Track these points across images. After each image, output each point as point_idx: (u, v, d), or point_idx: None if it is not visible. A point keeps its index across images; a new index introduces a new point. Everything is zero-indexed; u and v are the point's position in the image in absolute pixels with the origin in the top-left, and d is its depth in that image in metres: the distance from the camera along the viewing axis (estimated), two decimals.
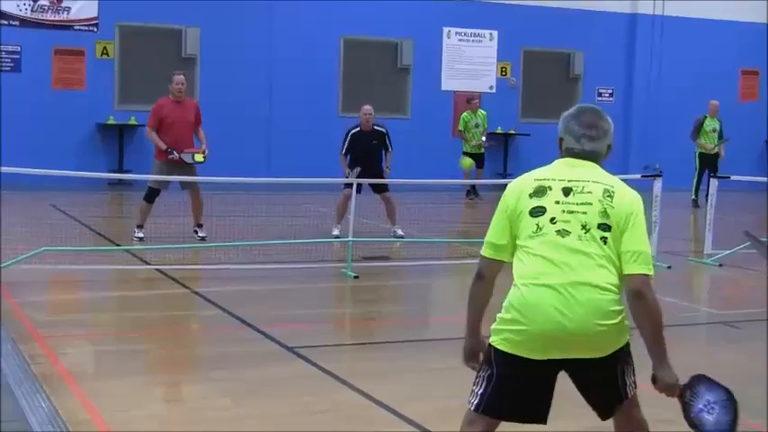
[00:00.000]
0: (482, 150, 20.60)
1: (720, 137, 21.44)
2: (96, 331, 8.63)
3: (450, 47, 23.87)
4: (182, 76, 13.52)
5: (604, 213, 4.17)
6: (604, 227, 4.16)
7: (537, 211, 4.21)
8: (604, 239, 4.15)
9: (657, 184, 13.14)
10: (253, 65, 21.87)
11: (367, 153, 14.13)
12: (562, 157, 4.44)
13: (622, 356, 4.25)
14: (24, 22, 20.39)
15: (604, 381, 4.26)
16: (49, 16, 20.57)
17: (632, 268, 4.14)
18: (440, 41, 23.71)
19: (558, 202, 4.21)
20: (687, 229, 17.80)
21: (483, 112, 20.79)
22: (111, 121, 20.93)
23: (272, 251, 12.34)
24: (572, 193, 4.23)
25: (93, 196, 18.42)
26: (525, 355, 4.11)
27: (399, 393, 6.60)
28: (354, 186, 12.22)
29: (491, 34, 24.18)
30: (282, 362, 7.48)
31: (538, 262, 4.14)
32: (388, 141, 14.35)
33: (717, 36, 25.53)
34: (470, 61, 24.03)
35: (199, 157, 13.28)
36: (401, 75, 23.46)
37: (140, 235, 13.13)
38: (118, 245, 12.84)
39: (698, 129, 21.40)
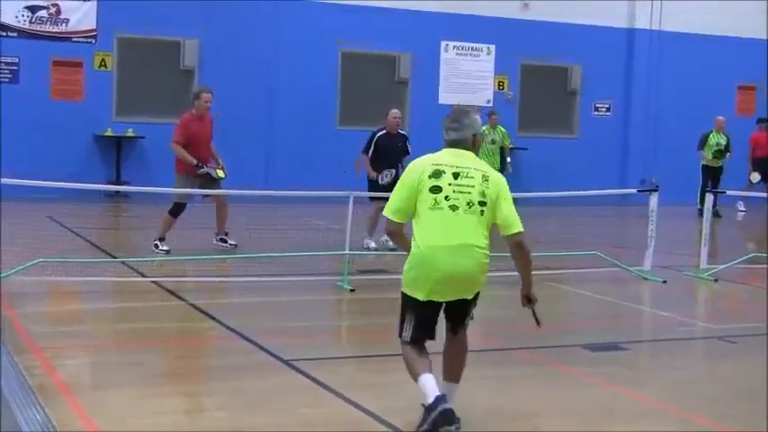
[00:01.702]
0: (497, 168, 19.83)
1: (727, 151, 21.77)
2: (92, 343, 8.62)
3: (448, 60, 23.92)
4: (210, 94, 13.70)
5: (483, 193, 5.91)
6: (482, 203, 5.90)
7: (435, 189, 5.90)
8: (482, 212, 5.90)
9: (653, 199, 13.18)
10: (251, 77, 21.89)
11: (392, 155, 14.47)
12: (445, 147, 6.15)
13: (475, 300, 6.10)
14: (23, 34, 20.41)
15: (463, 312, 6.12)
16: (48, 28, 20.60)
17: (511, 230, 5.96)
18: (437, 55, 23.76)
19: (450, 184, 5.90)
20: (683, 244, 17.80)
21: (503, 129, 20.43)
22: (109, 133, 20.95)
23: (268, 263, 12.35)
24: (460, 177, 5.92)
25: (90, 208, 18.42)
26: (428, 299, 5.94)
27: (395, 406, 6.61)
28: (351, 198, 12.11)
29: (488, 48, 24.23)
30: (278, 374, 7.48)
31: (435, 229, 5.88)
32: (408, 145, 14.73)
33: (714, 51, 25.59)
34: (468, 75, 24.07)
35: (221, 173, 13.60)
36: (399, 88, 23.50)
37: (166, 248, 13.16)
38: (114, 257, 12.84)
39: (702, 142, 21.94)
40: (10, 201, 14.05)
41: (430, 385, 5.85)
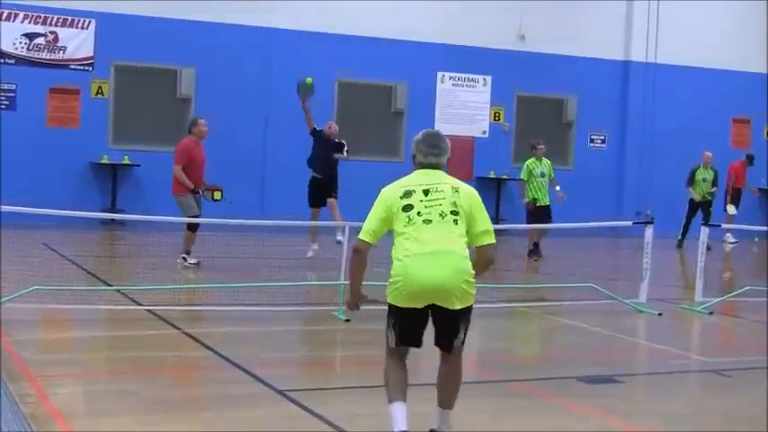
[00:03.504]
0: (547, 203, 18.46)
1: (714, 185, 21.96)
2: (86, 370, 8.59)
3: (444, 91, 24.00)
4: (205, 120, 15.13)
5: (454, 203, 6.15)
6: (454, 212, 6.14)
7: (407, 208, 6.15)
8: (455, 221, 6.12)
9: (649, 231, 13.19)
10: (247, 106, 21.95)
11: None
12: (416, 169, 6.38)
13: (465, 316, 6.15)
14: (20, 61, 20.47)
15: (451, 326, 6.17)
16: (45, 55, 20.66)
17: (483, 241, 6.22)
18: (434, 86, 23.85)
19: (421, 201, 6.15)
20: (678, 276, 17.81)
21: (548, 161, 18.87)
22: (105, 160, 20.97)
23: (263, 293, 12.33)
24: (430, 193, 6.18)
25: (85, 235, 18.41)
26: (410, 306, 6.08)
27: None
28: (347, 228, 12.11)
29: (485, 79, 24.33)
30: (272, 404, 7.46)
31: (413, 242, 6.07)
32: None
33: (708, 84, 25.74)
34: (464, 106, 24.15)
35: (217, 195, 14.80)
36: (395, 118, 23.57)
37: (193, 261, 14.51)
38: (109, 284, 12.81)
39: (690, 178, 22.12)
40: (5, 227, 14.03)
41: (398, 416, 6.07)
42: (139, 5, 20.94)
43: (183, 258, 14.52)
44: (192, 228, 14.34)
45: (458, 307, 6.04)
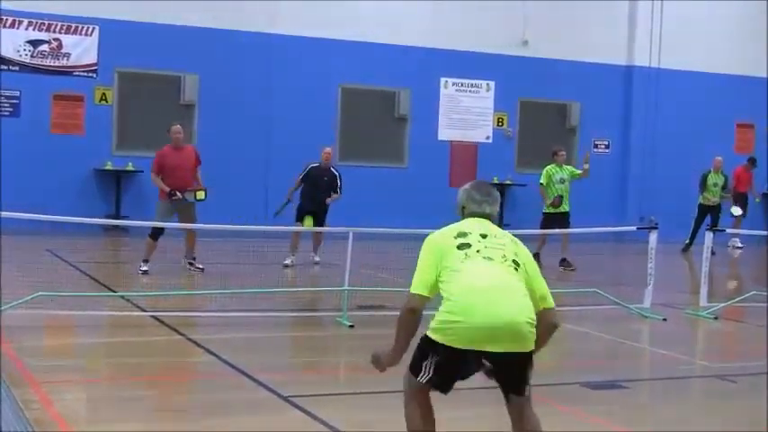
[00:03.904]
0: (566, 209, 18.08)
1: (723, 189, 21.99)
2: (90, 377, 8.60)
3: (448, 97, 23.98)
4: (178, 126, 15.23)
5: (516, 253, 5.51)
6: (515, 262, 5.46)
7: (464, 246, 5.46)
8: (516, 269, 5.43)
9: (653, 237, 13.18)
10: (251, 112, 21.95)
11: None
12: (464, 219, 5.75)
13: (531, 360, 5.43)
14: (24, 68, 20.48)
15: (517, 372, 5.44)
16: (49, 62, 20.67)
17: (546, 306, 5.49)
18: (437, 91, 23.83)
19: (479, 241, 5.49)
20: (682, 281, 17.79)
21: (569, 167, 18.56)
22: (109, 167, 20.98)
23: (267, 298, 12.33)
24: (488, 237, 5.53)
25: (89, 241, 18.41)
26: (462, 347, 5.26)
27: None
28: (350, 234, 12.16)
29: (488, 85, 24.32)
30: (276, 410, 7.45)
31: (471, 276, 5.34)
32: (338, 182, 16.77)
33: (712, 89, 25.70)
34: (467, 111, 24.14)
35: (200, 195, 14.67)
36: (398, 124, 23.56)
37: (145, 268, 14.37)
38: (113, 291, 12.82)
39: (702, 183, 22.20)
40: (9, 234, 14.04)
41: None
42: (143, 12, 20.94)
43: (140, 265, 14.53)
44: (154, 236, 14.43)
45: (527, 350, 5.34)
